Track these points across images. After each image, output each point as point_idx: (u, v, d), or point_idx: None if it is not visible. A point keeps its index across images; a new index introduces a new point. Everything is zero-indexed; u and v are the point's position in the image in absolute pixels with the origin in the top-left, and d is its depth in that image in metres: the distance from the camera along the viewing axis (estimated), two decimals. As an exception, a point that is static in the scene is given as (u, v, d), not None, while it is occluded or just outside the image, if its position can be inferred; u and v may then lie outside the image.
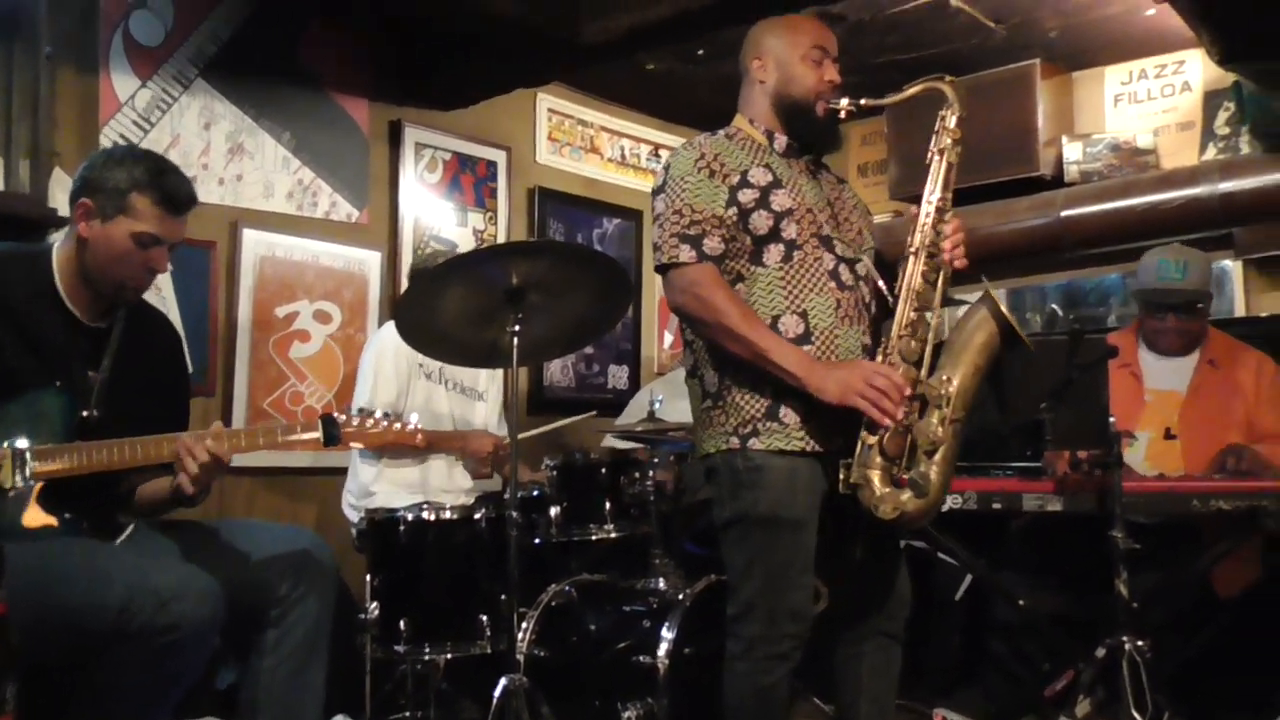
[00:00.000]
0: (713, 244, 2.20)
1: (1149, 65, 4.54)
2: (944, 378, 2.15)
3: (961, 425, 2.16)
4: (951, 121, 2.27)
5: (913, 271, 2.21)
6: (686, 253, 2.20)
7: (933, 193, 2.25)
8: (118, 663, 1.91)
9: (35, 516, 2.03)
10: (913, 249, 2.22)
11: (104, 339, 2.23)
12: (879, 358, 2.18)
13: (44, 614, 1.89)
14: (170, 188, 2.17)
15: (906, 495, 2.11)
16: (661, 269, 2.26)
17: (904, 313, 2.19)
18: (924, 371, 2.16)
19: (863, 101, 2.32)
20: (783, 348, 2.15)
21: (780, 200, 2.23)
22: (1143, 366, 3.10)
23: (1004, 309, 2.19)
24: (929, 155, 2.27)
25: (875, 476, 2.11)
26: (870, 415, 2.09)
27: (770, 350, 2.14)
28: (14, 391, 2.09)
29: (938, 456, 2.12)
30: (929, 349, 2.17)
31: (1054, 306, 4.81)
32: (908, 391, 2.11)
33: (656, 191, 2.29)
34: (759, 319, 2.19)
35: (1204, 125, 4.40)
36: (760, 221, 2.22)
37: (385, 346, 3.32)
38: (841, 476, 2.14)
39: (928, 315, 2.19)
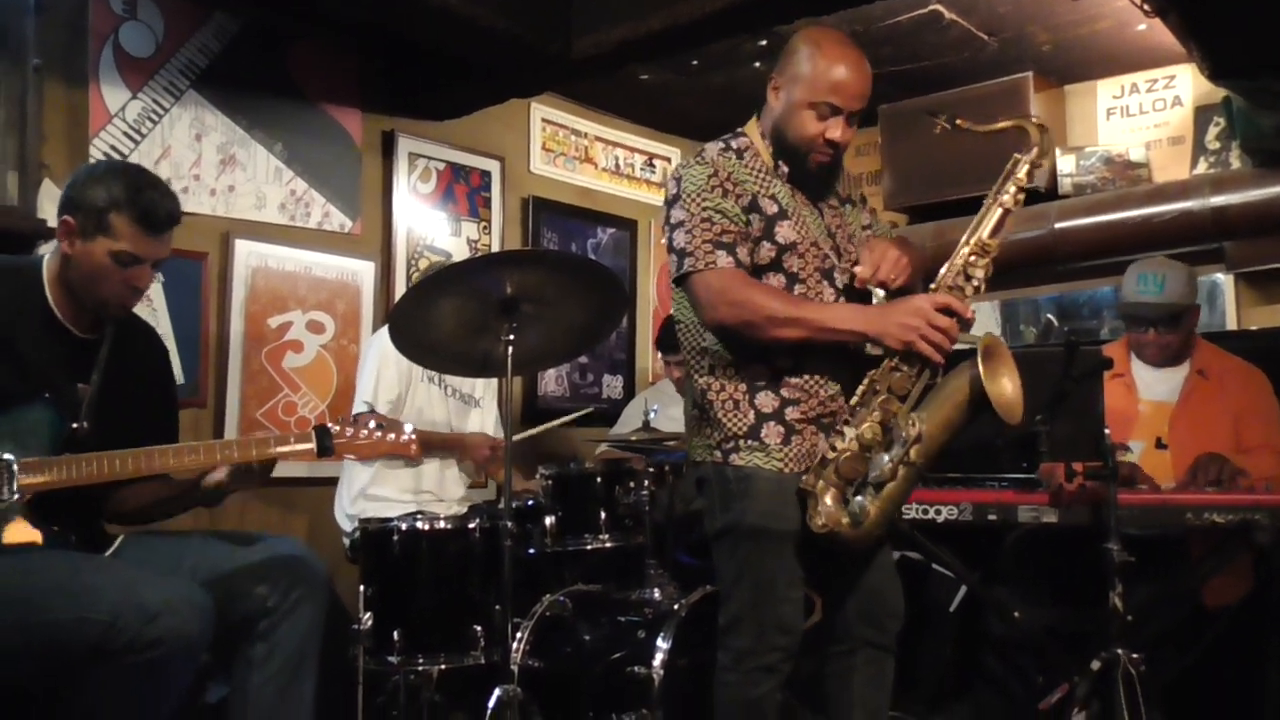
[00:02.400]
0: (743, 254, 2.19)
1: (1140, 80, 4.56)
2: (914, 420, 2.11)
3: (916, 472, 2.15)
4: (1023, 170, 2.21)
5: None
6: (724, 258, 2.16)
7: (974, 234, 2.20)
8: (104, 679, 1.88)
9: (21, 531, 2.01)
10: (934, 286, 2.19)
11: (94, 351, 2.21)
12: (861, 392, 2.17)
13: (29, 630, 1.87)
14: (148, 206, 2.13)
15: (846, 518, 2.12)
16: (682, 278, 2.21)
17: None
18: (909, 405, 2.15)
19: (958, 121, 2.26)
20: (837, 312, 2.16)
21: (785, 233, 2.21)
22: (1136, 377, 3.11)
23: (986, 377, 2.08)
24: (988, 200, 2.22)
25: (827, 492, 2.12)
26: (931, 358, 2.09)
27: (826, 319, 2.14)
28: (1, 405, 2.07)
29: (883, 493, 2.12)
30: (919, 387, 2.16)
31: (1050, 317, 4.82)
32: (970, 316, 2.12)
33: (671, 201, 2.26)
34: (799, 299, 2.18)
35: (1195, 140, 4.41)
36: (763, 252, 2.21)
37: (388, 346, 3.30)
38: (804, 478, 2.15)
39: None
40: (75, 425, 2.13)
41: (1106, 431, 2.52)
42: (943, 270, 2.20)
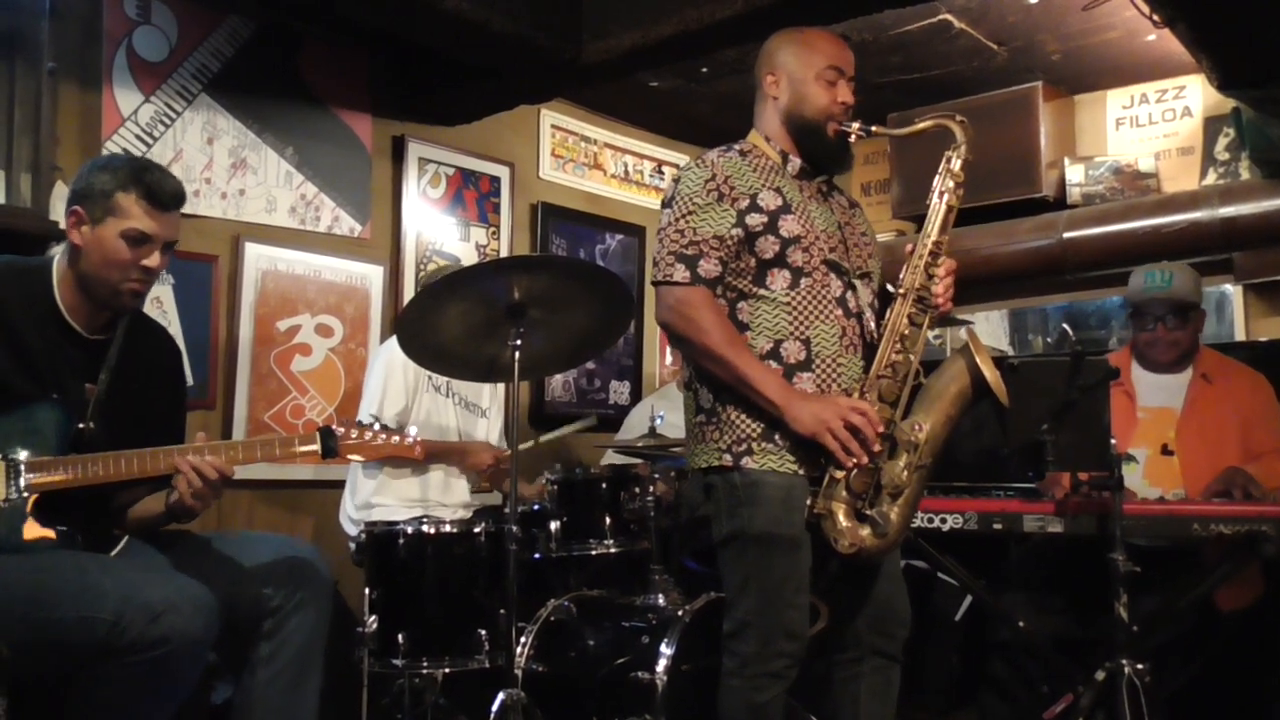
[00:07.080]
0: (708, 266, 2.20)
1: (1150, 90, 4.57)
2: (916, 424, 2.17)
3: (928, 471, 2.18)
4: (956, 164, 2.26)
5: (899, 313, 2.22)
6: (681, 273, 2.20)
7: (929, 234, 2.24)
8: (109, 677, 1.89)
9: (30, 529, 2.03)
10: (902, 290, 2.23)
11: (102, 352, 2.22)
12: (856, 394, 2.18)
13: (34, 628, 1.88)
14: (153, 183, 2.16)
15: (866, 531, 2.13)
16: (654, 284, 2.27)
17: (886, 353, 2.20)
18: (899, 412, 2.18)
19: (874, 128, 2.30)
20: (764, 375, 2.15)
21: (789, 226, 2.22)
22: (1136, 385, 3.11)
23: (980, 361, 2.17)
24: (929, 195, 2.27)
25: (839, 510, 2.13)
26: (836, 456, 2.11)
27: (751, 376, 2.14)
28: (9, 404, 2.09)
29: (900, 499, 2.15)
30: (907, 390, 2.19)
31: (1065, 326, 4.82)
32: (881, 430, 2.12)
33: (665, 204, 2.30)
34: (743, 343, 2.19)
35: (1204, 150, 4.41)
36: (766, 246, 2.21)
37: (395, 358, 3.32)
38: (808, 504, 2.15)
39: (910, 357, 2.20)
40: (82, 425, 2.14)
41: (1113, 441, 2.52)
42: (903, 274, 2.23)
